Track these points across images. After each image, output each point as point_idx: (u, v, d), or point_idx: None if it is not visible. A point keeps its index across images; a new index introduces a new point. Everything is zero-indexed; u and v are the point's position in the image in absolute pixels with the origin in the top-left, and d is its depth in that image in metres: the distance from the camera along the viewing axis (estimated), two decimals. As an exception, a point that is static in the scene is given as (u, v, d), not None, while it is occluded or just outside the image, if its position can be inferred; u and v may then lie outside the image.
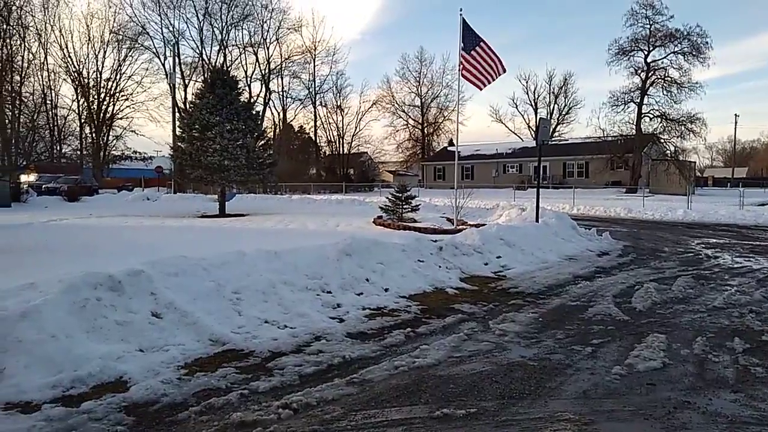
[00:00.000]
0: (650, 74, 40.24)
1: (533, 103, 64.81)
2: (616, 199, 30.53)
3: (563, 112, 63.40)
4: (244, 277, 5.90)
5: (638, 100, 40.38)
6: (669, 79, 39.74)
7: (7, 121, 30.42)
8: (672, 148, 39.02)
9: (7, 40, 33.25)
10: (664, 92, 40.05)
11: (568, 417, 3.26)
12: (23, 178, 30.78)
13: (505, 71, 14.02)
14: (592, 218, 20.68)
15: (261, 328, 5.00)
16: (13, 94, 33.57)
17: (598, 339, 4.91)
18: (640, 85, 40.50)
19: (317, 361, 4.25)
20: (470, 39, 13.70)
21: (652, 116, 40.32)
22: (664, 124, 39.59)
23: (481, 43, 13.68)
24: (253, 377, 3.90)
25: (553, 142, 45.92)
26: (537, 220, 12.82)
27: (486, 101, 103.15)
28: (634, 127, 40.18)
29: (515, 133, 65.18)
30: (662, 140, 39.86)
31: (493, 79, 13.89)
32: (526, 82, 68.40)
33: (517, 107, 78.41)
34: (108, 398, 3.45)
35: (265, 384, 3.76)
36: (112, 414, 3.25)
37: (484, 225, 12.53)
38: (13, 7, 33.52)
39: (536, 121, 59.46)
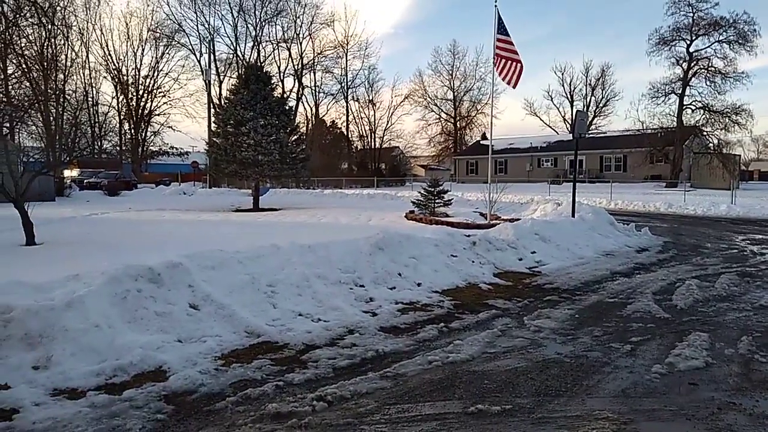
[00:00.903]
0: (693, 64, 38.90)
1: (569, 96, 63.47)
2: (655, 193, 29.66)
3: (600, 105, 61.91)
4: (279, 271, 5.97)
5: (680, 92, 39.10)
6: (713, 69, 38.39)
7: (51, 118, 31.55)
8: (715, 141, 37.61)
9: (52, 40, 34.42)
10: (708, 83, 38.74)
11: (607, 415, 3.19)
12: (66, 173, 31.96)
13: (518, 80, 13.68)
14: (630, 213, 20.16)
15: (295, 321, 5.06)
16: (57, 92, 34.79)
17: (637, 337, 4.79)
18: (681, 76, 39.21)
19: (351, 354, 4.27)
20: (504, 33, 13.51)
21: (694, 108, 39.05)
22: (707, 116, 38.24)
23: (509, 40, 13.49)
24: (287, 369, 3.95)
25: (590, 135, 44.80)
26: (573, 215, 12.56)
27: (520, 94, 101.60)
28: (675, 119, 38.96)
29: (550, 127, 64.03)
30: (705, 133, 38.47)
31: (515, 83, 13.64)
32: (562, 74, 67.02)
33: (552, 100, 76.88)
34: (148, 387, 3.55)
35: (299, 376, 3.80)
36: (153, 402, 3.34)
37: (518, 220, 12.38)
38: (58, 8, 34.65)
39: (572, 114, 58.26)
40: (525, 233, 9.67)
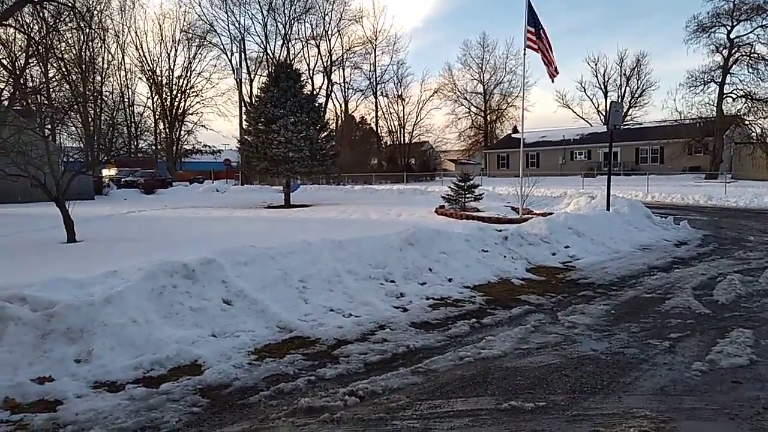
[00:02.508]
0: (733, 51, 37.50)
1: (603, 87, 61.80)
2: (694, 185, 28.77)
3: (636, 95, 60.03)
4: (310, 266, 6.01)
5: (719, 80, 37.78)
6: (756, 55, 36.91)
7: (89, 119, 32.54)
8: (758, 130, 36.20)
9: (90, 43, 35.41)
10: (750, 70, 37.31)
11: (645, 414, 3.10)
12: (105, 172, 32.96)
13: (558, 73, 13.63)
14: (668, 206, 19.60)
15: (326, 316, 5.09)
16: (95, 94, 35.82)
17: (677, 333, 4.65)
18: (721, 64, 37.88)
19: (382, 349, 4.27)
20: (534, 24, 13.28)
21: (735, 96, 37.66)
22: (750, 104, 36.82)
23: (542, 32, 13.25)
24: (319, 364, 3.98)
25: (625, 127, 43.67)
26: (608, 209, 12.27)
27: (552, 86, 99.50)
28: (714, 108, 37.67)
29: (583, 118, 62.53)
30: (747, 122, 37.05)
31: (554, 75, 13.49)
32: (596, 65, 65.39)
33: (585, 91, 75.21)
34: (184, 380, 3.62)
35: (331, 371, 3.82)
36: (189, 396, 3.41)
37: (551, 214, 12.17)
38: (95, 12, 35.63)
39: (606, 105, 56.92)
40: (558, 227, 9.50)
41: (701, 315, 5.23)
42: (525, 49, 13.50)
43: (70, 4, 21.72)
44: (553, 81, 14.18)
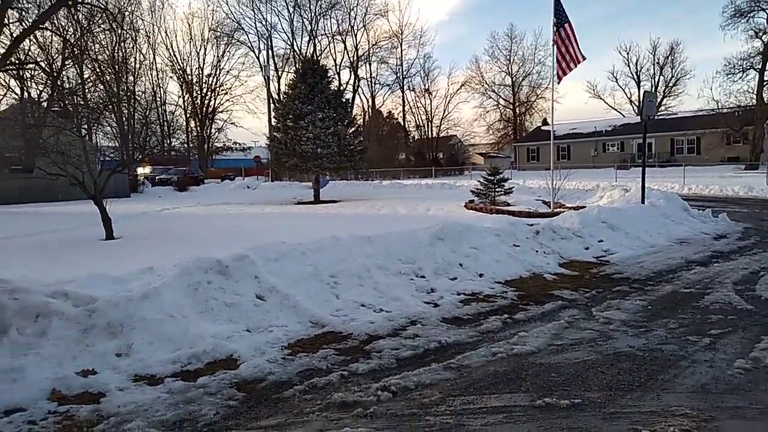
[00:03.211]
0: (774, 36, 36.00)
1: (635, 76, 60.22)
2: (733, 176, 27.81)
3: (670, 84, 58.31)
4: (340, 262, 6.05)
5: (759, 66, 36.36)
6: (797, 40, 35.38)
7: (124, 118, 33.38)
8: (802, 118, 34.77)
9: (122, 44, 36.27)
10: (792, 55, 35.73)
11: (685, 412, 3.02)
12: (139, 170, 33.74)
13: (584, 58, 13.29)
14: (705, 198, 19.02)
15: (358, 312, 5.11)
16: (129, 93, 36.67)
17: (717, 329, 4.51)
18: (761, 49, 36.41)
19: (413, 345, 4.27)
20: (561, 15, 13.05)
21: (776, 83, 36.17)
22: (792, 91, 35.36)
23: (566, 24, 13.00)
24: (352, 359, 4.00)
25: (660, 117, 42.55)
26: (643, 201, 11.98)
27: (582, 77, 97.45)
28: (754, 96, 36.26)
29: (615, 109, 61.09)
30: (789, 109, 35.62)
31: (575, 66, 13.21)
32: (627, 54, 63.47)
33: (617, 81, 72.68)
34: (220, 374, 3.69)
35: (363, 366, 3.84)
36: (225, 389, 3.48)
37: (583, 207, 11.96)
38: (126, 13, 36.45)
39: (639, 95, 55.46)
40: (591, 221, 9.32)
41: (743, 311, 5.06)
42: (554, 40, 13.27)
43: (102, 6, 22.31)
44: (559, 82, 13.89)
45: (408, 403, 3.24)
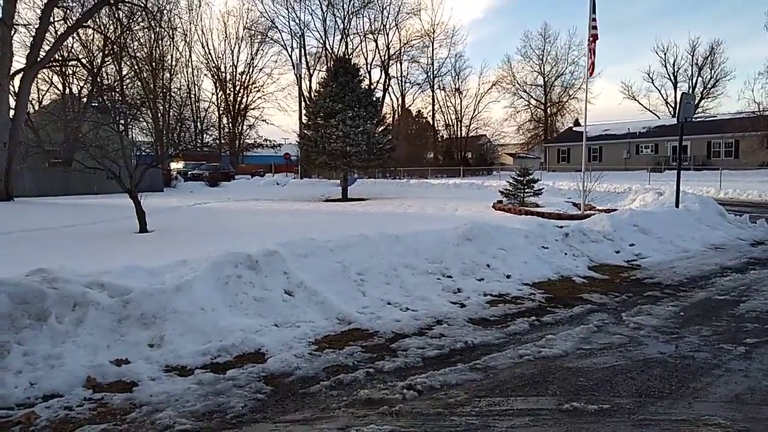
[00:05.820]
0: (821, 36, 34.63)
1: (672, 77, 58.75)
2: (773, 181, 26.85)
3: (708, 86, 56.64)
4: (368, 260, 6.08)
5: (804, 67, 35.00)
6: None
7: (159, 114, 34.15)
8: None
9: (159, 42, 37.08)
10: (839, 56, 34.29)
11: (718, 422, 2.95)
12: (173, 165, 34.51)
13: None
14: (743, 203, 18.44)
15: (384, 310, 5.14)
16: (165, 90, 37.51)
17: (753, 338, 4.38)
18: (807, 50, 35.07)
19: (439, 344, 4.27)
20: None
21: (821, 85, 34.77)
22: (838, 94, 33.90)
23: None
24: (378, 357, 4.03)
25: (697, 119, 41.40)
26: (677, 205, 11.69)
27: (616, 77, 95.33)
28: (798, 98, 34.94)
29: (650, 111, 59.74)
30: (835, 112, 34.20)
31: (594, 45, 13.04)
32: (665, 54, 61.94)
33: (653, 82, 71.18)
34: (249, 368, 3.76)
35: (389, 364, 3.86)
36: (253, 383, 3.54)
37: (615, 210, 11.73)
38: (164, 11, 37.24)
39: (676, 97, 54.07)
40: (623, 224, 9.15)
41: (781, 320, 4.91)
42: (589, 39, 13.05)
43: (142, 5, 22.87)
44: (591, 74, 13.71)
45: (433, 403, 3.24)
